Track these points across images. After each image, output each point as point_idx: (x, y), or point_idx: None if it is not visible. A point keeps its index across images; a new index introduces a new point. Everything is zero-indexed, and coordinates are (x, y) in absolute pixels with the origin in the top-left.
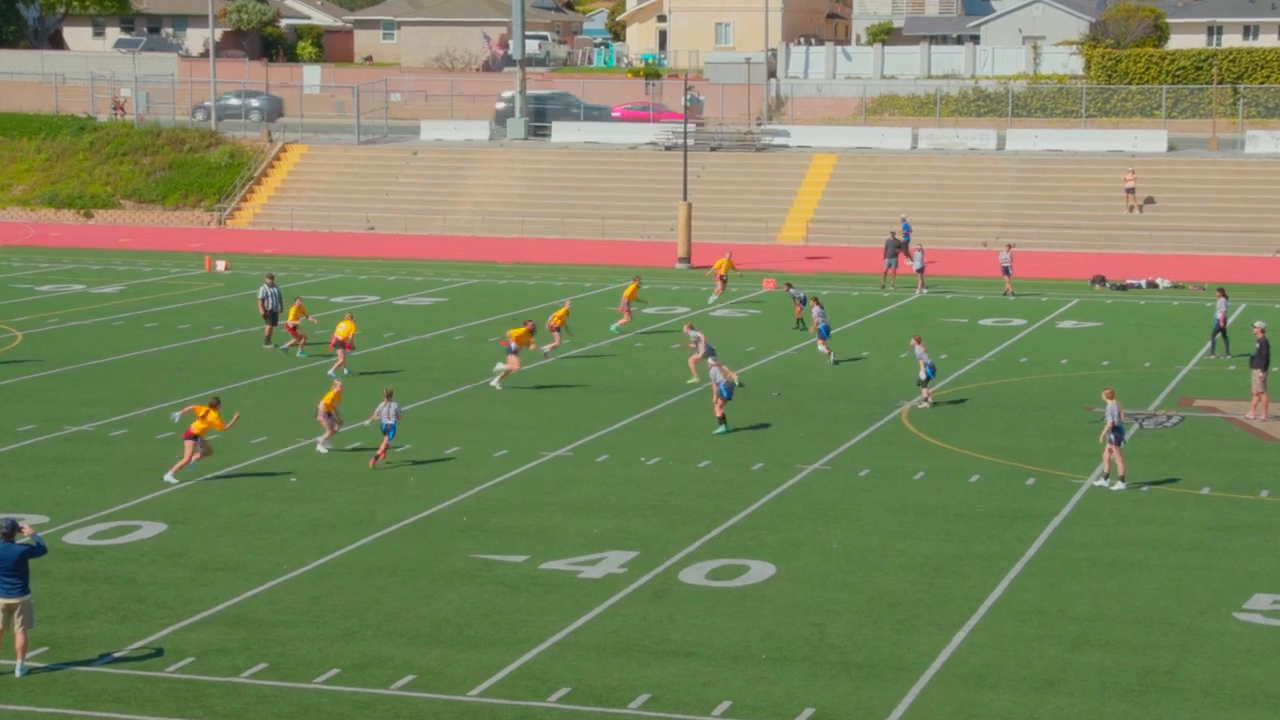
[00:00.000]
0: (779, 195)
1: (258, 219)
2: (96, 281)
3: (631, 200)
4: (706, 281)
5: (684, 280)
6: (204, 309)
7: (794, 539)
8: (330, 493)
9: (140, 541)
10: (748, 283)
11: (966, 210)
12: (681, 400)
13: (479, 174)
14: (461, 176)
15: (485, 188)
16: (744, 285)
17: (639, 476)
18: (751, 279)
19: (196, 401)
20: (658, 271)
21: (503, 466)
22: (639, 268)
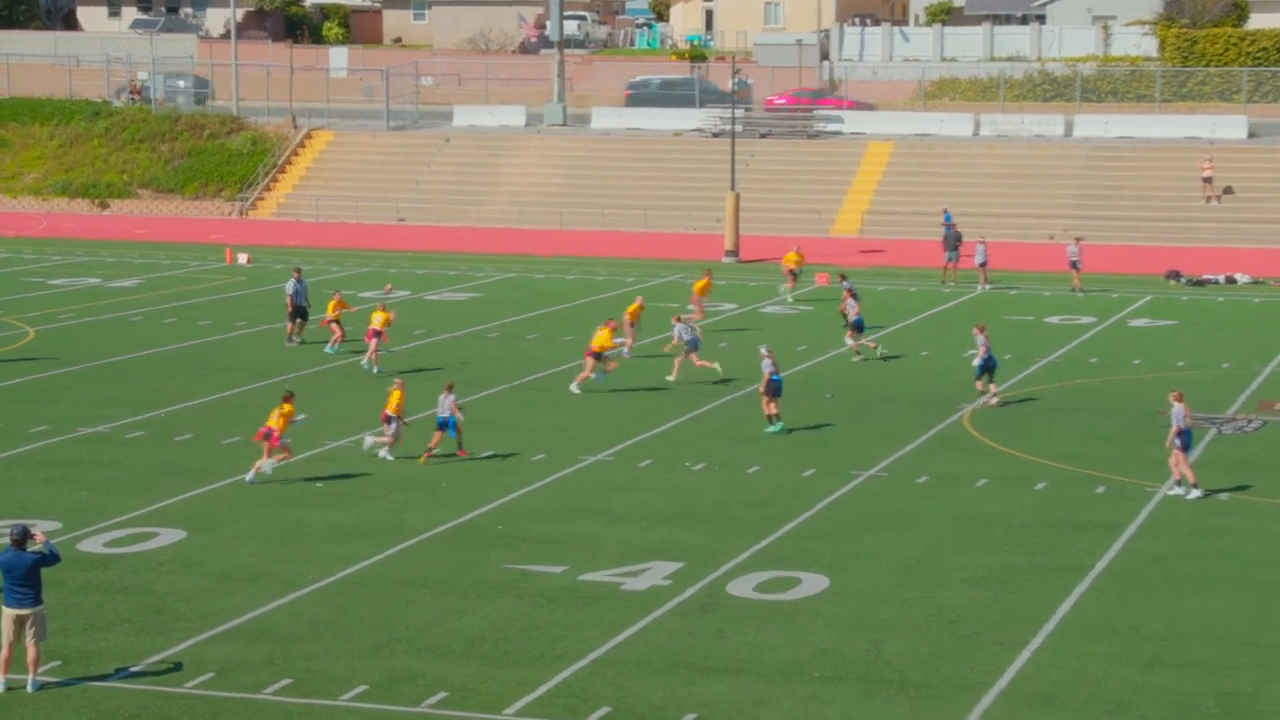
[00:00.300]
0: (832, 185)
1: (281, 209)
2: (112, 275)
3: (676, 190)
4: (756, 276)
5: (731, 275)
6: (225, 304)
7: (848, 550)
8: (358, 499)
9: (158, 550)
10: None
11: (1032, 201)
12: (729, 402)
13: (515, 162)
14: (496, 165)
15: (522, 177)
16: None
17: (684, 483)
18: (803, 274)
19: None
20: (704, 266)
21: (540, 471)
22: (685, 261)
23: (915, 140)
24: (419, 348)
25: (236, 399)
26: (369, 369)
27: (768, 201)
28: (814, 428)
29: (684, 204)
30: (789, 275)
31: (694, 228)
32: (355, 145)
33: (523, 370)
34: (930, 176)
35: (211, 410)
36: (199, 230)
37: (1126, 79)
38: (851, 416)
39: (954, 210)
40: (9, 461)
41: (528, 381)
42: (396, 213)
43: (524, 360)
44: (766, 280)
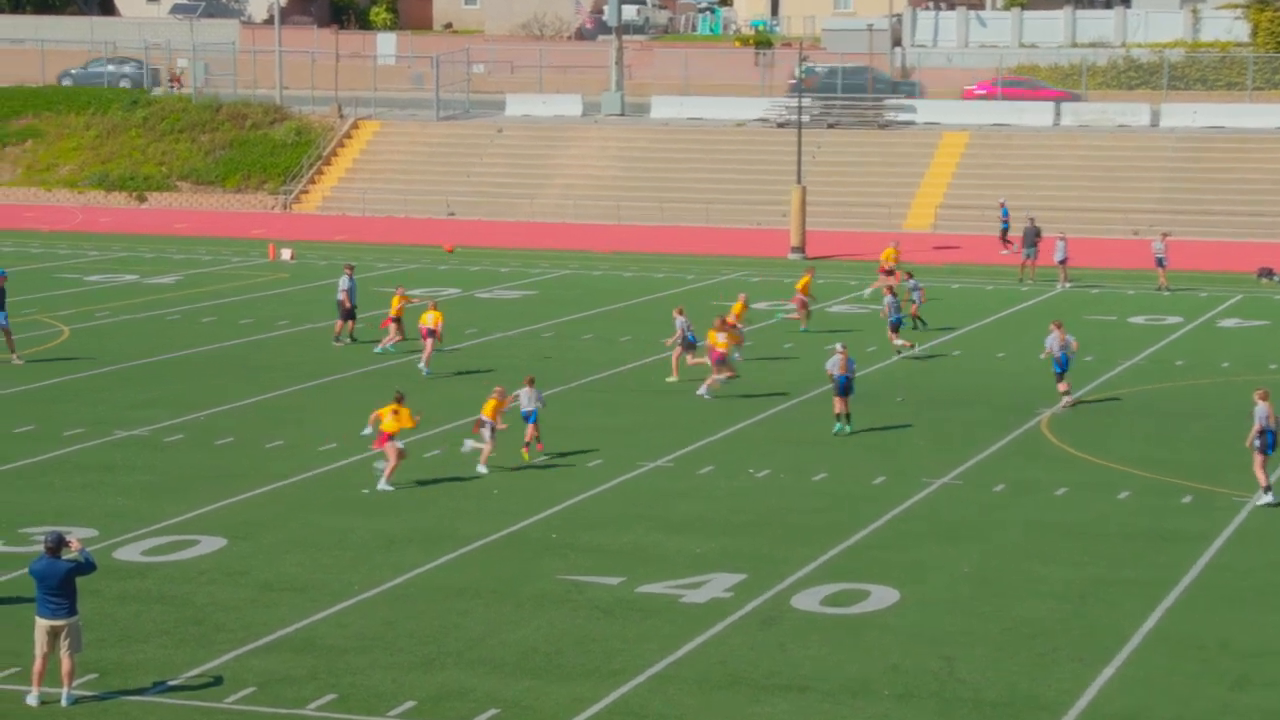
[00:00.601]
0: (904, 177)
1: (326, 203)
2: (150, 271)
3: (739, 183)
4: (822, 272)
5: (798, 272)
6: (267, 302)
7: (920, 561)
8: (407, 506)
9: (198, 558)
10: (870, 275)
11: (1115, 195)
12: (795, 406)
13: (570, 153)
14: (551, 156)
15: (577, 169)
16: (866, 278)
17: (747, 490)
18: (874, 271)
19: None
20: (768, 262)
21: (596, 478)
22: (748, 258)
23: (992, 130)
24: (471, 348)
25: (279, 401)
26: (425, 373)
27: (836, 195)
28: (884, 431)
29: (747, 197)
30: (883, 274)
31: (758, 222)
32: (404, 136)
33: (579, 371)
34: (1008, 169)
35: (253, 413)
36: (240, 225)
37: (1216, 66)
38: (924, 421)
39: (1034, 205)
40: (44, 466)
41: (584, 383)
42: (446, 206)
43: (580, 361)
44: (834, 277)
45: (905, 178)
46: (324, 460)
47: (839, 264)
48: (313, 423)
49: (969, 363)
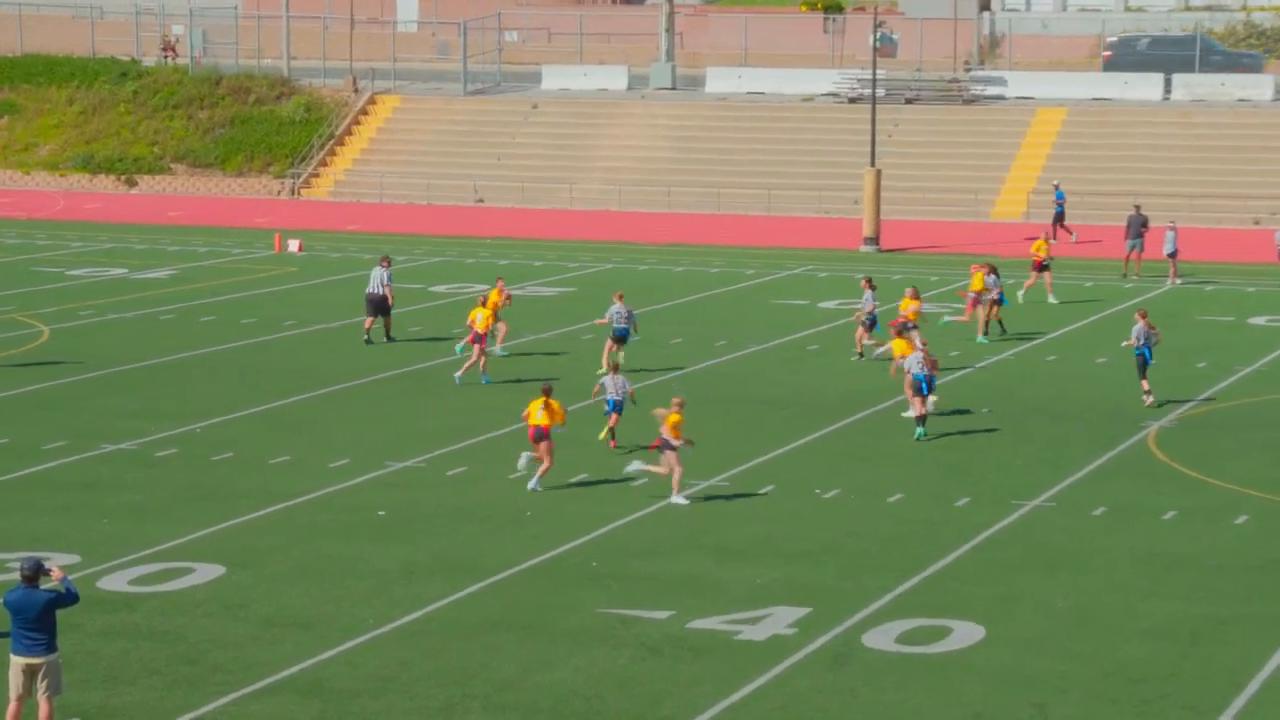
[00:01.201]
0: (992, 160)
1: (339, 188)
2: (141, 265)
3: (805, 165)
4: (900, 267)
5: (871, 266)
6: (273, 299)
7: (1009, 594)
8: (427, 530)
9: (192, 589)
10: (952, 270)
11: (1234, 179)
12: (867, 417)
13: (615, 132)
14: (593, 136)
15: (622, 150)
16: (948, 274)
17: (813, 512)
18: (956, 265)
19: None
20: (838, 256)
21: (643, 499)
22: (817, 250)
23: (1092, 106)
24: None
25: (285, 411)
26: (483, 380)
27: (915, 180)
28: (969, 447)
29: (815, 182)
30: (1036, 270)
31: (826, 211)
32: (426, 112)
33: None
34: (1110, 149)
35: (256, 424)
36: (243, 212)
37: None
38: (1014, 435)
39: (1140, 191)
40: (20, 484)
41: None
42: (474, 192)
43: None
44: (914, 272)
45: (993, 159)
46: (335, 478)
47: (917, 258)
48: (323, 436)
49: (1065, 369)
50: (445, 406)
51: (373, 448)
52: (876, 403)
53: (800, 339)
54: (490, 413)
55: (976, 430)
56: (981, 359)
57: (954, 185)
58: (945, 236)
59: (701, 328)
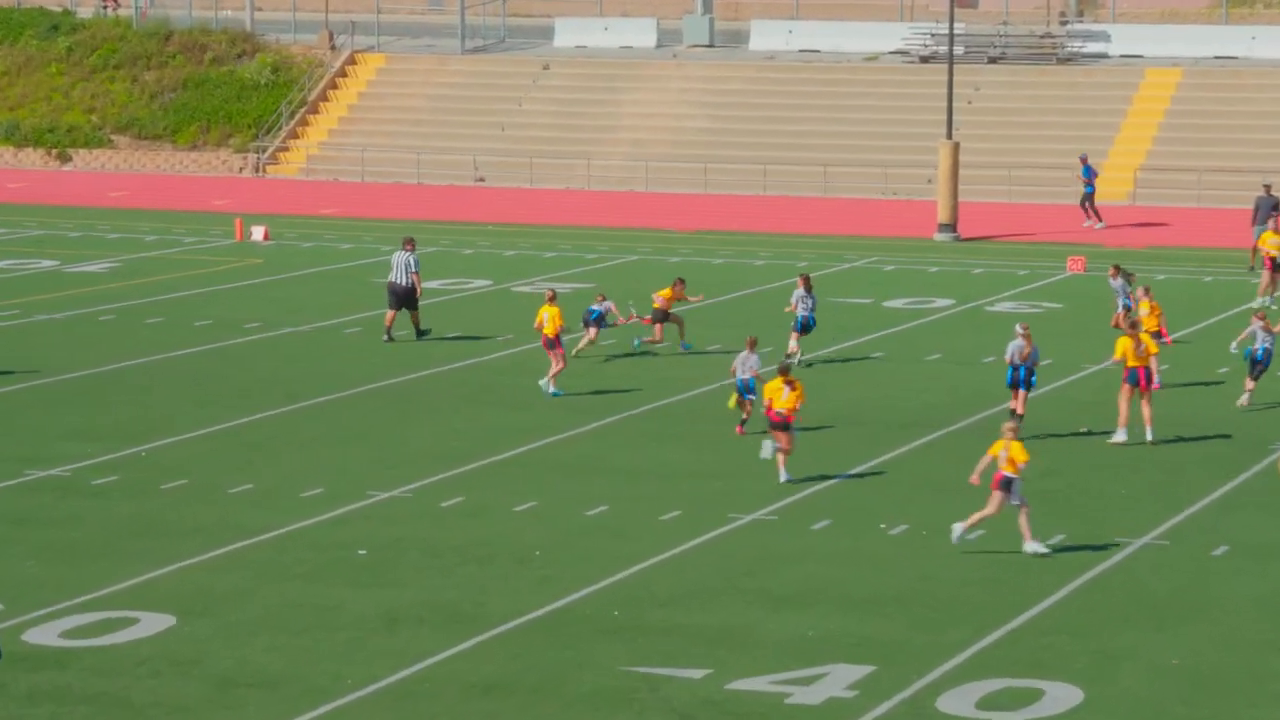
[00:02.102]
0: (1093, 130)
1: (313, 164)
2: (76, 256)
3: (868, 138)
4: (981, 259)
5: (947, 258)
6: (234, 297)
7: (1111, 650)
8: (416, 572)
9: (136, 642)
10: (1045, 262)
11: None
12: (943, 437)
13: (641, 98)
14: (615, 102)
15: (650, 119)
16: (1039, 267)
17: (876, 552)
18: (1050, 256)
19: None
20: (908, 245)
21: (673, 535)
22: (881, 240)
23: (1213, 66)
24: (504, 359)
25: (249, 430)
26: (547, 391)
27: (999, 153)
28: (1063, 473)
29: (880, 158)
30: (1270, 268)
31: (893, 192)
32: (416, 74)
33: (649, 392)
34: (1233, 117)
35: (213, 446)
36: (197, 193)
37: None
38: (1118, 460)
39: (1270, 167)
40: None
41: (656, 408)
42: (474, 170)
43: (651, 378)
44: (997, 265)
45: (1094, 130)
46: (308, 510)
47: (1003, 248)
48: (293, 460)
49: (1179, 380)
50: (440, 425)
51: (353, 474)
52: (954, 419)
53: (862, 344)
54: (494, 433)
55: (1073, 454)
56: (1080, 367)
57: (1046, 161)
58: (1037, 223)
59: (744, 330)
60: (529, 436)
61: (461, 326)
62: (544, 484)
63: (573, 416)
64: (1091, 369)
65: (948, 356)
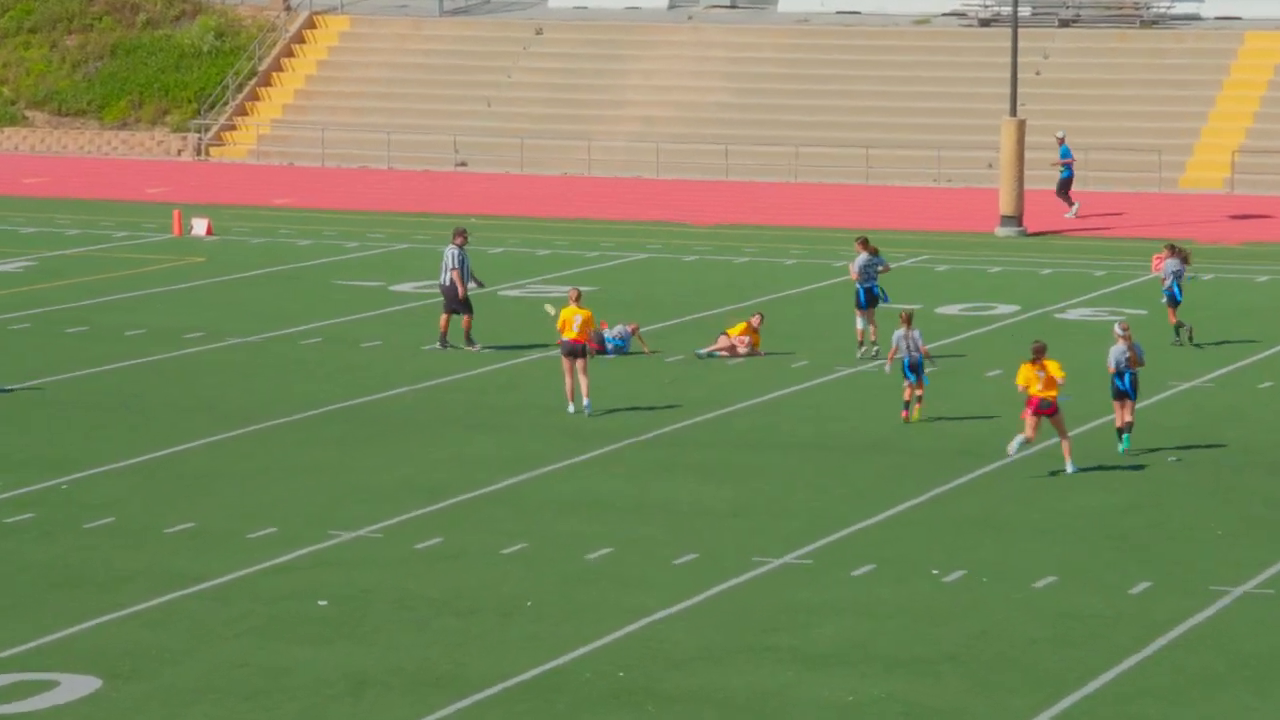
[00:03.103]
0: (1182, 105)
1: (264, 146)
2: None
3: (918, 115)
4: (1051, 257)
5: (1011, 256)
6: (171, 302)
7: (1207, 717)
8: (385, 626)
9: (56, 710)
10: (1126, 261)
11: None
12: (1004, 468)
13: (650, 68)
14: (619, 73)
15: (661, 92)
16: (1118, 268)
17: (927, 603)
18: (1131, 253)
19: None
20: (965, 241)
21: (689, 582)
22: (937, 235)
23: None
24: (484, 376)
25: (188, 459)
26: (582, 409)
27: (1071, 134)
28: (1149, 508)
29: (931, 138)
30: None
31: (947, 179)
32: (387, 40)
33: (661, 414)
34: None
35: (146, 478)
36: (128, 180)
37: None
38: (1211, 495)
39: None
40: None
41: (669, 432)
42: (454, 152)
43: (661, 399)
44: (1070, 264)
45: (1183, 105)
46: (258, 554)
47: (1076, 244)
48: (241, 494)
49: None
50: (415, 453)
51: (311, 511)
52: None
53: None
54: (478, 463)
55: (1159, 487)
56: (1166, 385)
57: (1128, 143)
58: (1116, 214)
59: (772, 341)
60: (518, 467)
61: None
62: (536, 523)
63: (569, 443)
64: (1181, 386)
65: (1012, 373)
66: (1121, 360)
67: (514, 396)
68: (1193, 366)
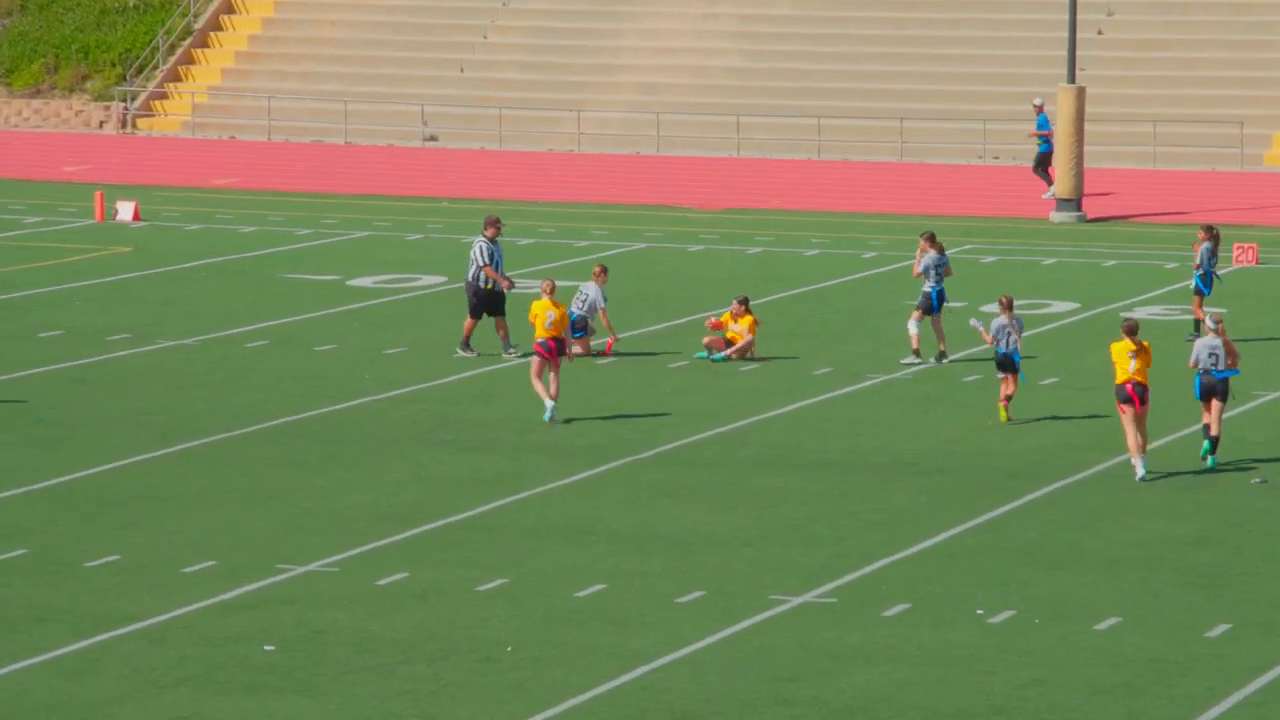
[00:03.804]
0: (1269, 70)
1: (201, 117)
2: None
3: (959, 82)
4: (1116, 246)
5: (1068, 245)
6: (93, 298)
7: None
8: (344, 674)
9: None
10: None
11: None
12: (1058, 491)
13: (647, 26)
14: (614, 32)
15: (661, 55)
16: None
17: (970, 648)
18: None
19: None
20: (1015, 228)
21: (693, 624)
22: (972, 220)
23: None
24: (437, 389)
25: (112, 482)
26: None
27: (1138, 104)
28: (1225, 537)
29: (975, 108)
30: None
31: (995, 156)
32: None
33: (660, 430)
34: None
35: (64, 504)
36: (41, 156)
37: None
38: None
39: None
40: None
41: (668, 451)
42: (422, 125)
43: (661, 411)
44: (1136, 255)
45: (1271, 71)
46: (195, 591)
47: (1143, 232)
48: (174, 522)
49: None
50: (376, 474)
51: (257, 541)
52: (1077, 466)
53: (953, 365)
54: (450, 485)
55: (1240, 513)
56: (1252, 395)
57: (1203, 116)
58: (1190, 197)
59: (792, 345)
60: (497, 489)
61: (406, 339)
62: (518, 554)
63: (555, 463)
64: (1269, 396)
65: (1068, 380)
66: (1203, 355)
67: (491, 409)
68: (1274, 376)
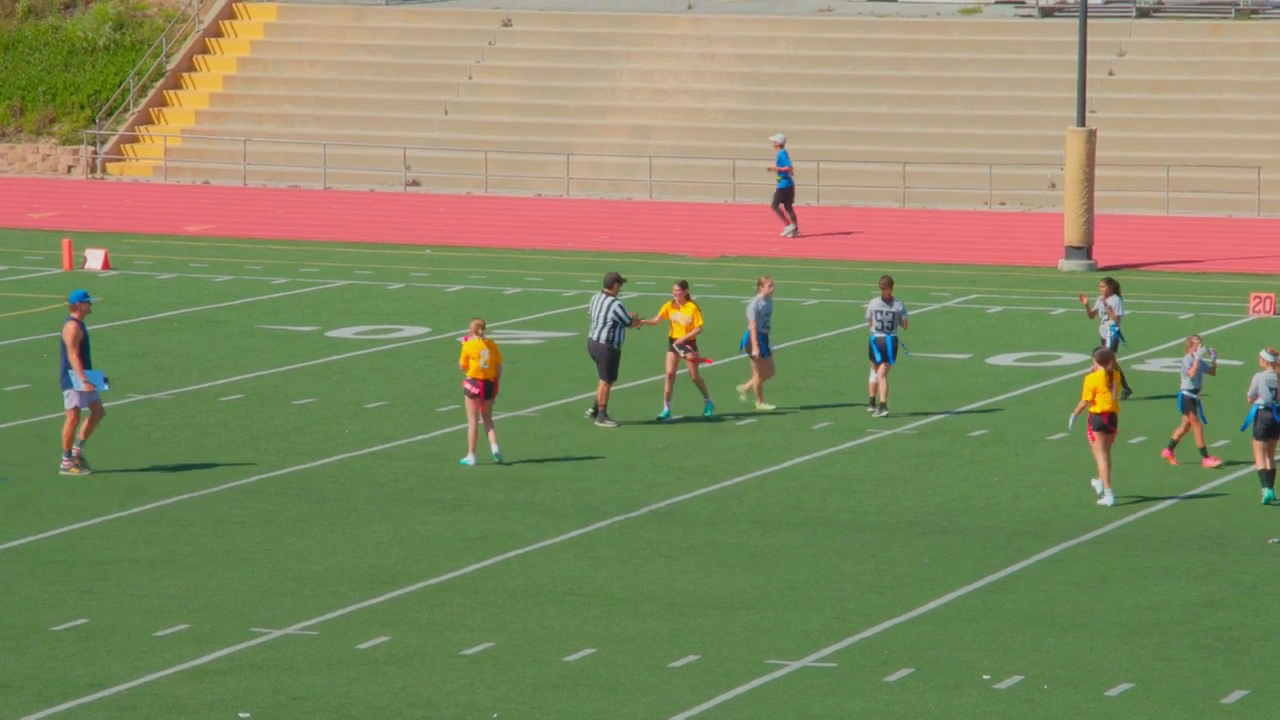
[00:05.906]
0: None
1: (173, 161)
2: None
3: (965, 124)
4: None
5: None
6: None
7: None
8: None
9: None
10: (1218, 300)
11: None
12: (1066, 551)
13: (641, 67)
14: (606, 73)
15: (656, 97)
16: (1210, 310)
17: (977, 713)
18: (1224, 291)
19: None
20: (1023, 277)
21: (688, 690)
22: (978, 268)
23: None
24: (426, 443)
25: (77, 542)
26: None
27: (1152, 146)
28: (1239, 600)
29: (982, 152)
30: None
31: (1001, 202)
32: (323, 33)
33: (654, 487)
34: None
35: (27, 564)
36: (7, 201)
37: None
38: None
39: None
40: None
41: (664, 508)
42: (404, 169)
43: (638, 468)
44: (1149, 305)
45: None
46: (164, 657)
47: (1157, 280)
48: (143, 584)
49: None
50: (356, 534)
51: (230, 603)
52: (1087, 526)
53: (955, 419)
54: (433, 545)
55: (1256, 574)
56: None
57: (1221, 157)
58: (1205, 244)
59: (788, 397)
60: (482, 549)
61: (388, 393)
62: (505, 617)
63: (543, 521)
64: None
65: (1079, 436)
66: (1263, 389)
67: (476, 466)
68: None
